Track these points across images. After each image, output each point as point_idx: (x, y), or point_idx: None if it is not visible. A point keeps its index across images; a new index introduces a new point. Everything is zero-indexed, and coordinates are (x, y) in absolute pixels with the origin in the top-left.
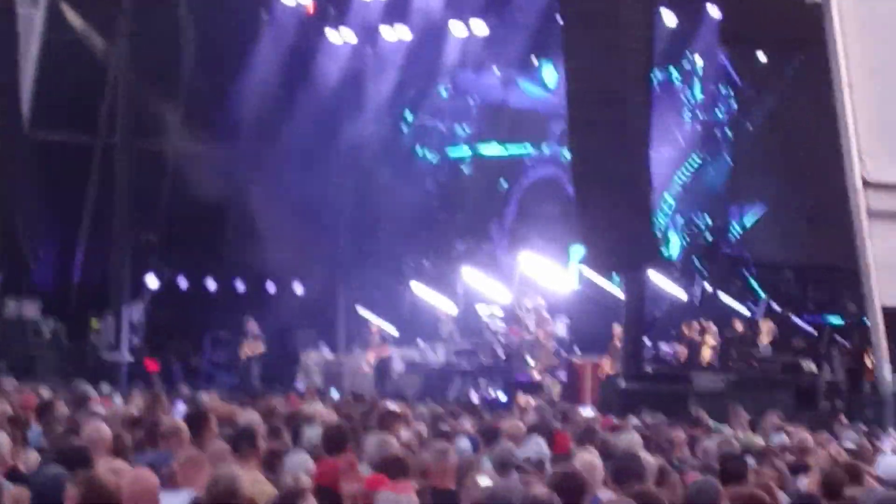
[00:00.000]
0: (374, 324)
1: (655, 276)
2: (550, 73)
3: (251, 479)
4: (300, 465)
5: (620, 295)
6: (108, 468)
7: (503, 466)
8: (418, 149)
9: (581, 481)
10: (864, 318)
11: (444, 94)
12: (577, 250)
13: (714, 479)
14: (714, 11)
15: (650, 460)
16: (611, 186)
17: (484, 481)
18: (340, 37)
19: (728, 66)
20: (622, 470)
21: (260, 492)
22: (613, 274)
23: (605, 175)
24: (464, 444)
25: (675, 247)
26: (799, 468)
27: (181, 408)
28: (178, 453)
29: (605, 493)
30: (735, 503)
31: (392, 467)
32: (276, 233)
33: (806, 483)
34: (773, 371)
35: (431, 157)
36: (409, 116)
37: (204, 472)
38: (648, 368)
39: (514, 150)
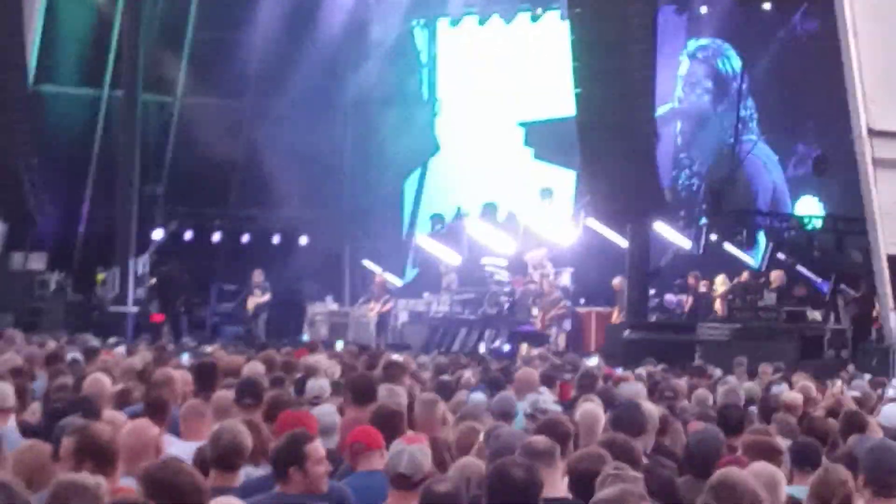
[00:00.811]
0: (378, 275)
1: (660, 226)
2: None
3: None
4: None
5: (625, 245)
6: (106, 419)
7: (503, 416)
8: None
9: (565, 428)
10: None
11: None
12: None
13: (716, 427)
14: None
15: (652, 409)
16: (615, 136)
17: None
18: None
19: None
20: (621, 418)
21: (265, 444)
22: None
23: (610, 125)
24: (478, 396)
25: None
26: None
27: (186, 359)
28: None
29: None
30: (742, 451)
31: (391, 419)
32: (281, 185)
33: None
34: (778, 321)
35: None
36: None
37: (207, 424)
38: (653, 318)
39: None
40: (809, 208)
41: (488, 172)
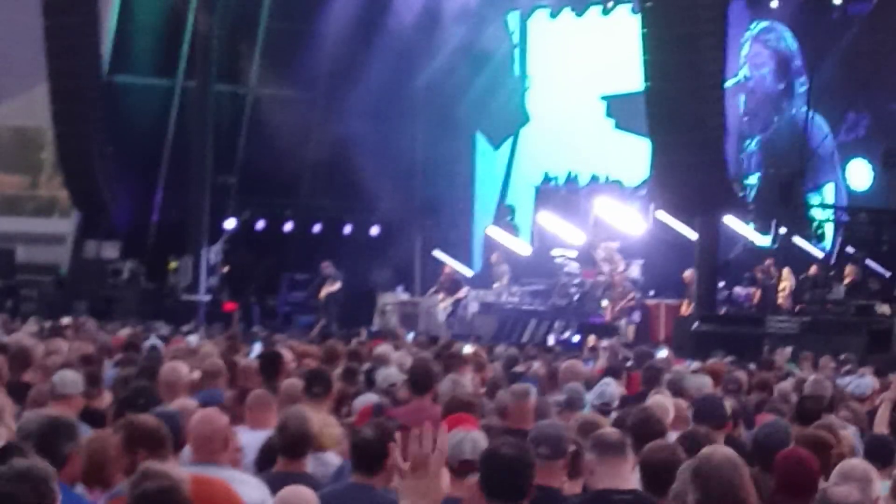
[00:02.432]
0: (449, 266)
1: (730, 219)
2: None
3: (322, 421)
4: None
5: (694, 237)
6: (179, 407)
7: (570, 407)
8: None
9: (660, 427)
10: None
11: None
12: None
13: (785, 420)
14: None
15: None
16: (685, 129)
17: None
18: None
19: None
20: (702, 411)
21: (329, 435)
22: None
23: (680, 118)
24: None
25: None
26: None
27: (258, 348)
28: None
29: (672, 435)
30: (800, 444)
31: (459, 409)
32: (353, 175)
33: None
34: (846, 314)
35: None
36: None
37: (273, 413)
38: (722, 311)
39: None
40: (859, 170)
41: (574, 143)
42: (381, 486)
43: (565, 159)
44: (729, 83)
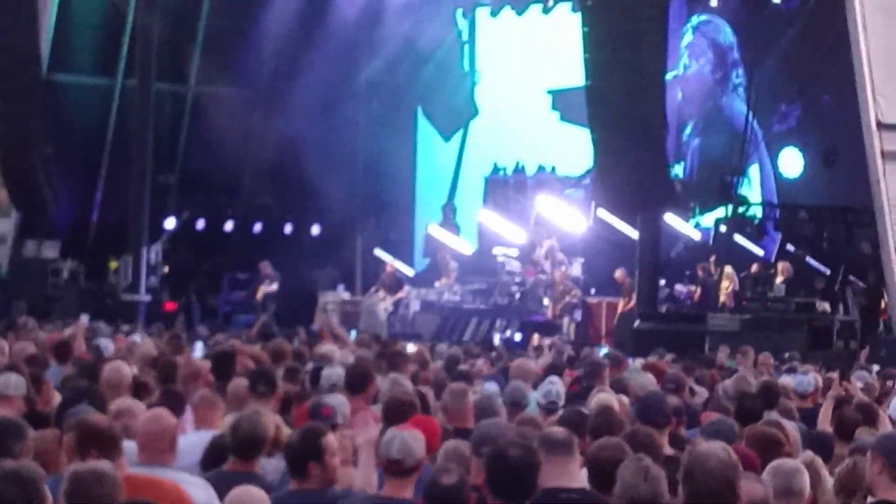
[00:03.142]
0: (390, 264)
1: (670, 217)
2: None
3: (276, 422)
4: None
5: (635, 235)
6: (123, 408)
7: (515, 406)
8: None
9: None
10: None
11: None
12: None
13: (730, 418)
14: None
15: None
16: (627, 128)
17: None
18: None
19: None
20: (646, 410)
21: (279, 435)
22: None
23: (621, 117)
24: (491, 386)
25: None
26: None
27: (200, 348)
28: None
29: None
30: (749, 442)
31: (399, 408)
32: (294, 174)
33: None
34: (787, 311)
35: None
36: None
37: (220, 413)
38: (663, 308)
39: None
40: (791, 159)
41: (521, 135)
42: (317, 486)
43: (513, 151)
44: (668, 76)
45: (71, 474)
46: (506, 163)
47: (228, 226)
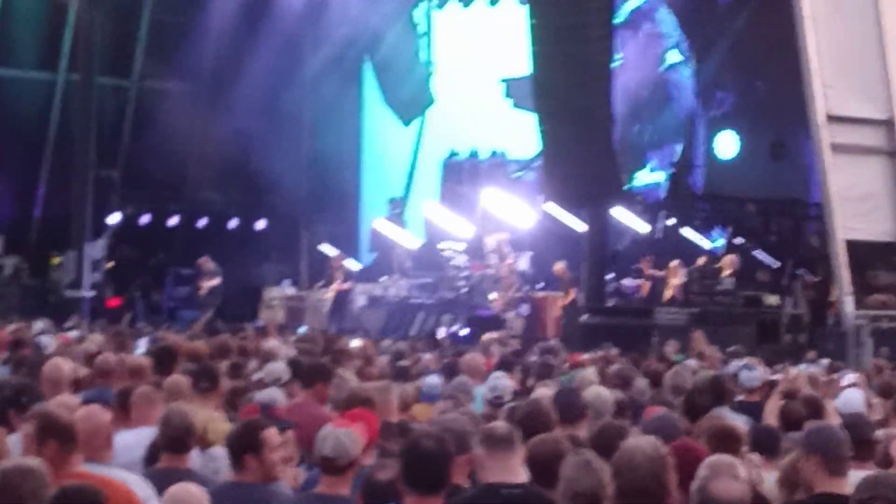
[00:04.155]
0: (336, 259)
1: (618, 211)
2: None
3: (208, 417)
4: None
5: (582, 229)
6: (59, 404)
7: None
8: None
9: (545, 417)
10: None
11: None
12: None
13: (672, 413)
14: None
15: (606, 395)
16: (573, 121)
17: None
18: None
19: None
20: (564, 406)
21: (215, 430)
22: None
23: (568, 109)
24: (432, 379)
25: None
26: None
27: (143, 344)
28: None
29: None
30: (706, 437)
31: (358, 404)
32: (238, 169)
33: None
34: (735, 305)
35: None
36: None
37: (158, 410)
38: (611, 303)
39: None
40: (726, 142)
41: (476, 122)
42: (254, 480)
43: (468, 137)
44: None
45: (1, 472)
46: (461, 149)
47: (173, 221)
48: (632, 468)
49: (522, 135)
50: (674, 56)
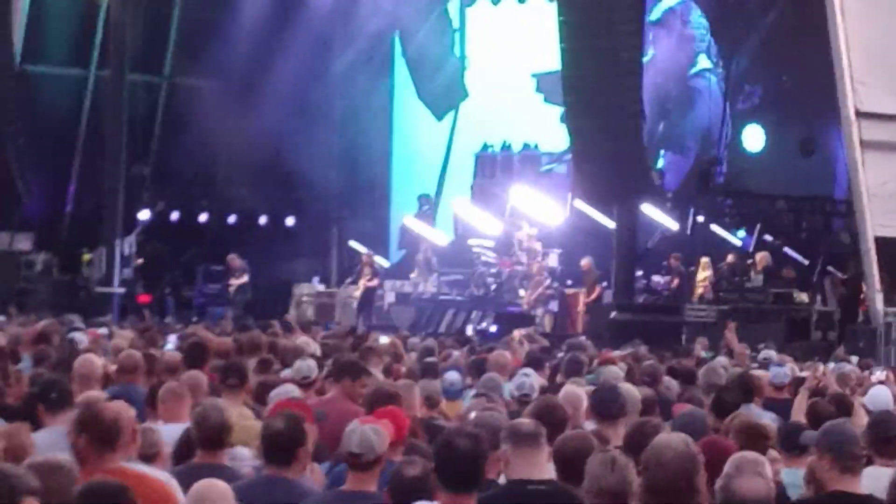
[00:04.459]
0: (365, 256)
1: (648, 208)
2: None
3: (238, 414)
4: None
5: (612, 226)
6: (86, 400)
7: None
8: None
9: (562, 414)
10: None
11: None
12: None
13: (701, 410)
14: None
15: (634, 392)
16: (602, 117)
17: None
18: None
19: None
20: (601, 402)
21: (243, 427)
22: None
23: (598, 106)
24: (452, 376)
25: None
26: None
27: (172, 340)
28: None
29: (589, 425)
30: (739, 433)
31: (385, 401)
32: (268, 166)
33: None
34: (764, 302)
35: None
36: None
37: (187, 405)
38: (640, 299)
39: None
40: (753, 136)
41: (508, 117)
42: (294, 476)
43: (500, 132)
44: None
45: (27, 467)
46: (494, 141)
47: (203, 217)
48: (660, 465)
49: (554, 129)
50: (703, 61)
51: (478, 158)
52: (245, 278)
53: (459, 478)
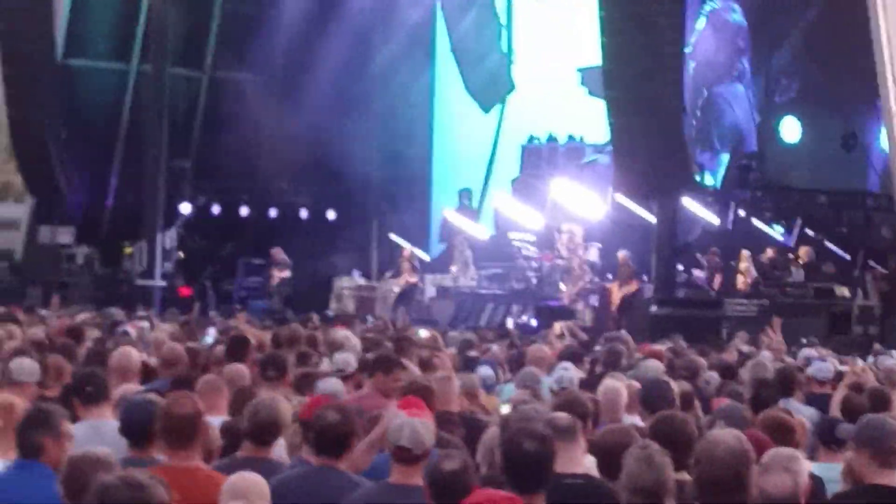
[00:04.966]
0: (406, 250)
1: (688, 202)
2: None
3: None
4: (332, 389)
5: (653, 220)
6: (120, 393)
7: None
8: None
9: (583, 406)
10: None
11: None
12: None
13: (740, 404)
14: None
15: (673, 386)
16: (643, 111)
17: (504, 409)
18: None
19: None
20: (649, 395)
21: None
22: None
23: (639, 101)
24: (485, 370)
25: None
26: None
27: (212, 333)
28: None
29: (632, 418)
30: (762, 426)
31: (416, 393)
32: (309, 159)
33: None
34: (805, 296)
35: None
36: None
37: (224, 398)
38: (680, 294)
39: None
40: (791, 128)
41: (554, 110)
42: (345, 467)
43: (546, 124)
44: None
45: (69, 460)
46: (539, 133)
47: (244, 211)
48: (712, 460)
49: (599, 122)
50: (738, 61)
51: (524, 150)
52: (287, 273)
53: (528, 479)
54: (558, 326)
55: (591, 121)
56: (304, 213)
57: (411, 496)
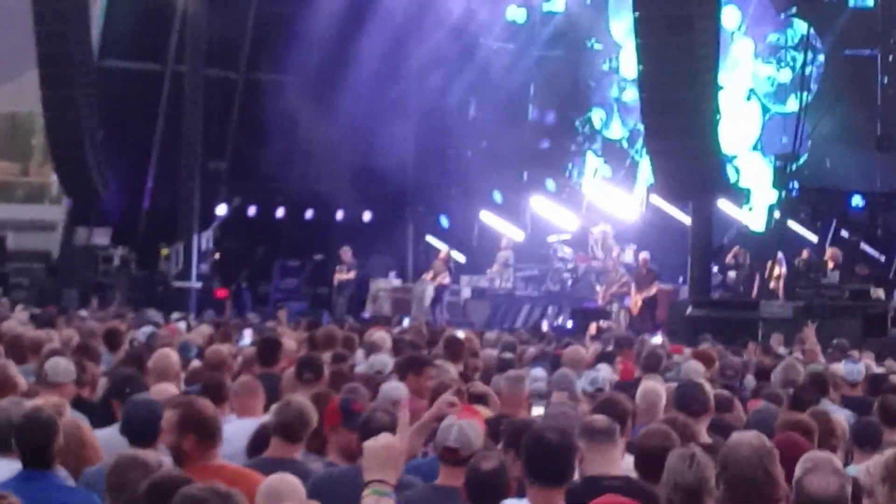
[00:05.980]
0: (442, 252)
1: (724, 203)
2: None
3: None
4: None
5: (688, 222)
6: (155, 393)
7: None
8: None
9: (623, 407)
10: None
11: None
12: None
13: (776, 407)
14: None
15: (707, 388)
16: (679, 113)
17: (536, 411)
18: None
19: None
20: (684, 397)
21: None
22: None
23: (673, 102)
24: (538, 372)
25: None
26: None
27: (248, 335)
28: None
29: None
30: (783, 428)
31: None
32: (345, 161)
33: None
34: (841, 298)
35: None
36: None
37: (260, 400)
38: (716, 295)
39: None
40: (825, 129)
41: None
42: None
43: None
44: None
45: (113, 460)
46: None
47: (279, 212)
48: (737, 460)
49: None
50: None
51: None
52: (352, 275)
53: (550, 472)
54: (594, 328)
55: None
56: (340, 215)
57: (458, 499)
